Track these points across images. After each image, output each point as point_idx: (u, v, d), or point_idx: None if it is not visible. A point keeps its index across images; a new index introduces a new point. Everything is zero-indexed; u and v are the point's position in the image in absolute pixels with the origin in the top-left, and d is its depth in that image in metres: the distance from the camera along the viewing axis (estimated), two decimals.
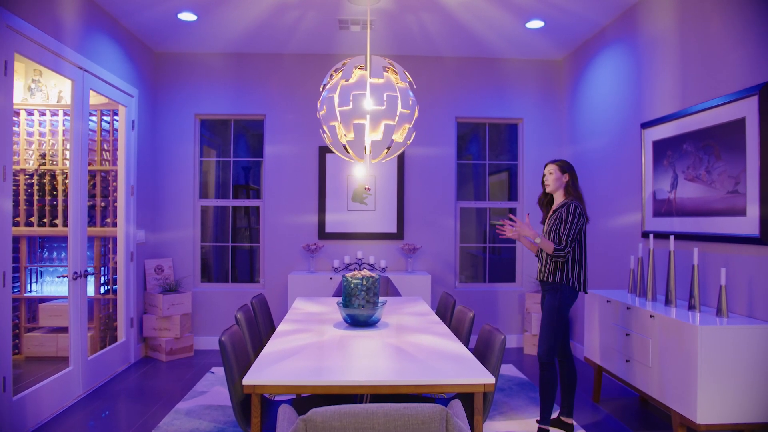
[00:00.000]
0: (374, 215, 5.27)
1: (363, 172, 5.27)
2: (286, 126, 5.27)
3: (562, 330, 3.11)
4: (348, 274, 2.79)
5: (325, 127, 2.79)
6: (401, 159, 5.28)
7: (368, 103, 2.58)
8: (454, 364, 2.12)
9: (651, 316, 3.03)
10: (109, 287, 4.79)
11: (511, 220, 3.14)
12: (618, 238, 4.28)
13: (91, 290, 4.71)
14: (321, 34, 4.73)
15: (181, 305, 4.87)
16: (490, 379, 1.92)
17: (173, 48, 5.13)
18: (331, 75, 2.80)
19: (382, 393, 1.93)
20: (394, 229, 5.28)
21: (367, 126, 2.61)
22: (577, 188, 3.21)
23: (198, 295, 5.21)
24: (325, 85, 2.80)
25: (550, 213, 3.25)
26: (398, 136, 2.76)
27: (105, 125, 4.90)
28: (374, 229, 5.27)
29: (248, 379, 1.88)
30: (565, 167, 3.23)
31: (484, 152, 5.65)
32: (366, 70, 2.75)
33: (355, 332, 2.69)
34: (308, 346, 2.39)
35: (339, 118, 2.63)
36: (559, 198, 3.24)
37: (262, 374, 1.95)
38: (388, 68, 2.73)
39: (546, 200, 3.35)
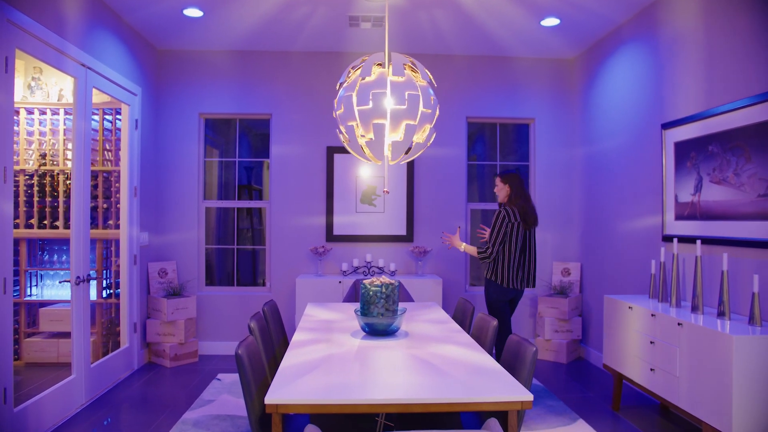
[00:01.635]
0: (383, 217, 5.15)
1: (369, 173, 5.15)
2: (293, 126, 5.14)
3: (498, 322, 3.38)
4: (366, 281, 2.67)
5: (342, 127, 2.67)
6: (411, 160, 5.16)
7: (389, 102, 2.47)
8: (485, 378, 2.01)
9: (679, 324, 2.92)
10: (111, 291, 4.66)
11: (445, 235, 3.83)
12: (636, 242, 4.16)
13: (93, 294, 4.59)
14: (330, 31, 4.61)
15: (186, 309, 4.74)
16: (528, 396, 1.81)
17: (177, 45, 4.99)
18: (349, 72, 2.68)
19: (412, 412, 1.81)
20: (403, 231, 5.16)
21: (387, 126, 2.50)
22: (519, 196, 3.66)
23: (203, 299, 5.09)
24: (342, 84, 2.68)
25: None
26: (419, 137, 2.64)
27: (107, 124, 4.77)
28: (383, 232, 5.15)
29: (271, 398, 1.76)
30: (506, 179, 3.72)
31: (490, 153, 5.54)
32: (384, 67, 2.63)
33: (374, 342, 2.57)
34: (327, 358, 2.27)
35: (357, 118, 2.51)
36: (505, 205, 3.73)
37: (284, 392, 1.83)
38: (407, 65, 2.61)
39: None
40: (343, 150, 5.12)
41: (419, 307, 3.56)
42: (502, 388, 1.88)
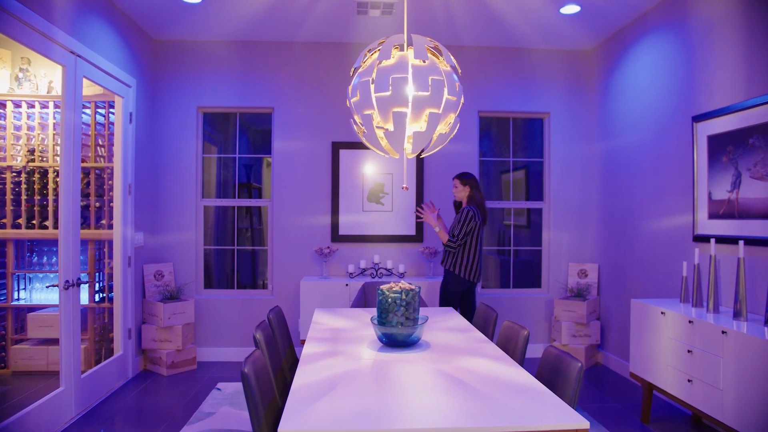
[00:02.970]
0: (391, 216, 4.90)
1: (376, 169, 4.89)
2: (296, 120, 4.88)
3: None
4: (384, 287, 2.42)
5: (357, 117, 2.41)
6: (420, 157, 4.90)
7: (410, 89, 2.21)
8: (529, 400, 1.76)
9: (723, 333, 2.67)
10: (104, 295, 4.40)
11: (424, 207, 4.13)
12: (662, 242, 3.92)
13: (85, 298, 4.33)
14: (336, 19, 4.35)
15: (183, 314, 4.48)
16: (584, 423, 1.56)
17: (174, 35, 4.73)
18: (365, 56, 2.42)
19: None
20: (412, 231, 4.91)
21: (409, 115, 2.24)
22: (477, 195, 4.03)
23: (201, 303, 4.82)
24: (357, 69, 2.43)
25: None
26: (443, 127, 2.39)
27: (100, 118, 4.51)
28: (392, 231, 4.90)
29: (285, 429, 1.51)
30: (466, 181, 4.05)
31: (497, 149, 5.29)
32: (403, 50, 2.38)
33: (393, 355, 2.31)
34: (344, 376, 2.02)
35: (375, 106, 2.26)
36: (464, 203, 4.09)
37: (298, 420, 1.58)
38: (428, 48, 2.36)
39: (457, 204, 4.20)
40: (349, 145, 4.86)
41: (435, 313, 3.31)
42: (552, 413, 1.63)
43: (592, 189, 5.03)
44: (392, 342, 2.41)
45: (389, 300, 2.35)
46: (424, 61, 2.27)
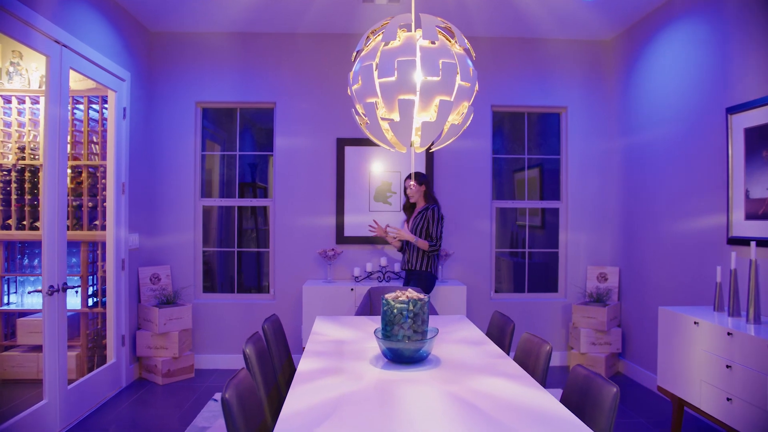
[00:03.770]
0: (400, 216, 4.64)
1: (383, 167, 4.64)
2: (299, 115, 4.65)
3: None
4: (389, 296, 2.16)
5: (358, 106, 2.16)
6: (429, 152, 4.65)
7: (419, 73, 1.96)
8: (552, 430, 1.49)
9: None
10: (98, 299, 4.19)
11: (391, 228, 4.01)
12: (691, 245, 3.63)
13: (77, 303, 4.13)
14: (341, 8, 4.10)
15: (180, 320, 4.26)
16: None
17: (172, 27, 4.51)
18: (368, 39, 2.17)
19: None
20: None
21: (417, 103, 1.99)
22: (433, 194, 3.99)
23: (199, 308, 4.60)
24: (359, 52, 2.18)
25: (415, 215, 3.95)
26: (455, 118, 2.13)
27: (94, 114, 4.30)
28: None
29: None
30: (422, 180, 3.95)
31: (509, 146, 5.01)
32: (411, 31, 2.13)
33: (400, 373, 2.06)
34: (341, 401, 1.77)
35: (379, 94, 2.01)
36: (420, 204, 3.98)
37: None
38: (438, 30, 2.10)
39: (409, 206, 4.06)
40: (354, 142, 4.61)
41: (446, 322, 3.05)
42: None
43: (611, 187, 4.74)
44: (398, 358, 2.15)
45: (395, 311, 2.10)
46: (433, 43, 2.02)
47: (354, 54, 2.21)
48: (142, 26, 4.42)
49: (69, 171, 4.11)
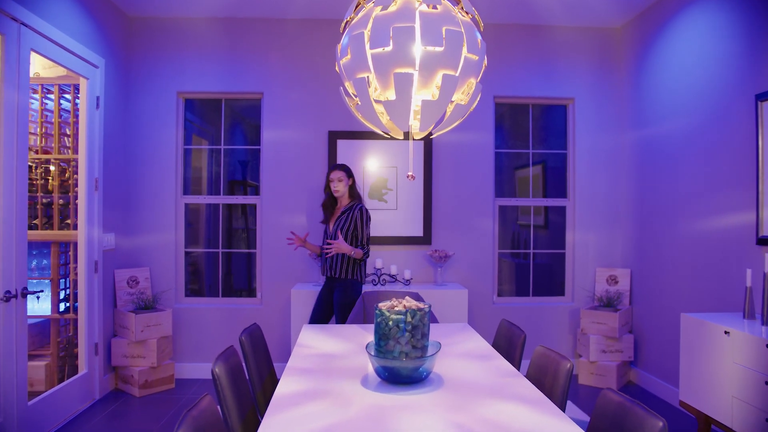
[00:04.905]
0: (396, 215, 4.34)
1: (379, 162, 4.33)
2: (288, 107, 4.33)
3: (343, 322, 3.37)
4: (383, 305, 1.86)
5: (348, 84, 1.86)
6: (428, 146, 4.35)
7: (418, 43, 1.66)
8: None
9: None
10: (70, 304, 3.88)
11: (328, 244, 3.43)
12: (713, 245, 3.33)
13: (47, 309, 3.81)
14: None
15: (159, 326, 3.94)
16: None
17: (151, 11, 4.19)
18: (358, 5, 1.87)
19: None
20: (420, 233, 4.34)
21: (416, 78, 1.68)
22: (357, 190, 3.66)
23: (181, 313, 4.28)
24: (348, 22, 1.87)
25: (338, 214, 3.57)
26: (460, 96, 1.83)
27: (66, 105, 3.98)
28: (396, 233, 4.33)
29: None
30: (350, 173, 3.61)
31: (510, 141, 4.71)
32: None
33: (396, 397, 1.75)
34: (328, 430, 1.46)
35: (372, 68, 1.70)
36: (344, 201, 3.61)
37: None
38: None
39: (330, 203, 3.67)
40: (347, 135, 4.30)
41: (448, 332, 2.74)
42: None
43: (622, 183, 4.44)
44: (394, 378, 1.85)
45: (390, 323, 1.79)
46: (435, 8, 1.71)
47: (342, 24, 1.90)
48: (119, 9, 4.10)
49: (34, 166, 3.80)
